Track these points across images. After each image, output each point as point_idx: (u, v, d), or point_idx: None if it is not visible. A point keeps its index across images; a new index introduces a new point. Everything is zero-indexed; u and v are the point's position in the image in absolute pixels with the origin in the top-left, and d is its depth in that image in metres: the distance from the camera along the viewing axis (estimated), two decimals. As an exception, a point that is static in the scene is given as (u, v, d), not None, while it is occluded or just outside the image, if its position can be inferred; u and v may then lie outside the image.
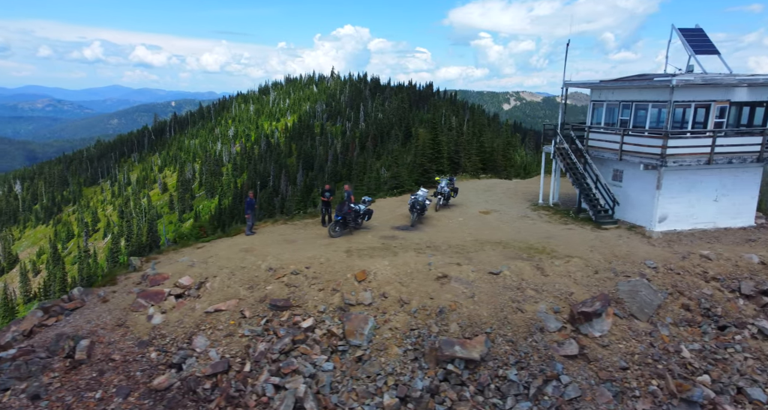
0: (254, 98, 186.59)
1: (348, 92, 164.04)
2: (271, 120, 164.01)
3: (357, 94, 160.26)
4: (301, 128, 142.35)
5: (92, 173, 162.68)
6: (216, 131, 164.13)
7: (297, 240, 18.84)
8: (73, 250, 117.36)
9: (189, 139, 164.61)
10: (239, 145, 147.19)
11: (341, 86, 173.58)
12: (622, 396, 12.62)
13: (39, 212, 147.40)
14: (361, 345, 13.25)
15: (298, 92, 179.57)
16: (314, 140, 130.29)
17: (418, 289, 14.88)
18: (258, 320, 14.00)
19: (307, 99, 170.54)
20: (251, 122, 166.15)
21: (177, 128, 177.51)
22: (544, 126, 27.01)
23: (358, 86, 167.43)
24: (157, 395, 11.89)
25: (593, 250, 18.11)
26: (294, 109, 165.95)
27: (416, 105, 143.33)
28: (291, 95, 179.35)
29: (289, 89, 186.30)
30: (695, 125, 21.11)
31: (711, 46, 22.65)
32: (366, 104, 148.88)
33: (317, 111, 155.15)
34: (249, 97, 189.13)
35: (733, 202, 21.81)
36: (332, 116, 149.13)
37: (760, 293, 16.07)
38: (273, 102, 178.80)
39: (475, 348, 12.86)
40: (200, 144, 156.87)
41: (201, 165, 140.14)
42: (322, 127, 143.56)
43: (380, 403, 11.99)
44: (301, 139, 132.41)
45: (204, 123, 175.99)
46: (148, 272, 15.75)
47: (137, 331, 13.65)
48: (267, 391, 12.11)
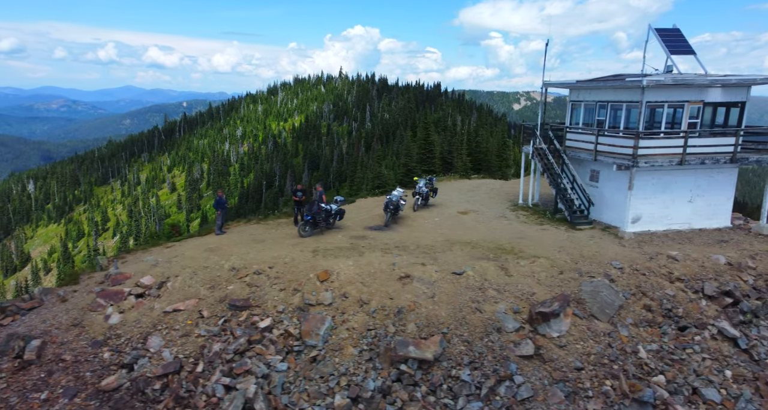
0: (263, 98, 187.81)
1: (355, 92, 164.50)
2: (278, 120, 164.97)
3: (364, 94, 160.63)
4: (308, 128, 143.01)
5: (103, 172, 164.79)
6: (224, 131, 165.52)
7: (266, 240, 18.88)
8: (83, 249, 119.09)
9: (198, 139, 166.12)
10: (247, 145, 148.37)
11: (349, 86, 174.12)
12: (574, 397, 12.64)
13: (51, 211, 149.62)
14: (316, 345, 13.29)
15: (306, 93, 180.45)
16: (320, 140, 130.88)
17: (379, 289, 14.89)
18: (216, 320, 14.02)
19: (315, 99, 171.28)
20: (259, 122, 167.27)
21: (186, 128, 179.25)
22: (523, 126, 27.08)
23: (366, 86, 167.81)
24: (105, 396, 11.90)
25: (561, 250, 18.19)
26: (301, 109, 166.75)
27: (423, 105, 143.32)
28: (299, 95, 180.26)
29: (297, 90, 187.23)
30: (669, 126, 21.11)
31: (687, 47, 22.56)
32: (372, 104, 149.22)
33: (324, 111, 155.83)
34: (258, 97, 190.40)
35: (708, 203, 21.73)
36: (339, 116, 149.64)
37: (722, 294, 16.10)
38: (281, 102, 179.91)
39: (429, 349, 12.87)
40: (209, 144, 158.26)
41: (209, 165, 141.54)
42: (329, 127, 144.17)
43: (331, 404, 12.02)
44: (307, 139, 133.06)
45: (213, 123, 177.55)
46: (111, 272, 15.80)
47: (93, 331, 13.63)
48: (217, 392, 12.14)
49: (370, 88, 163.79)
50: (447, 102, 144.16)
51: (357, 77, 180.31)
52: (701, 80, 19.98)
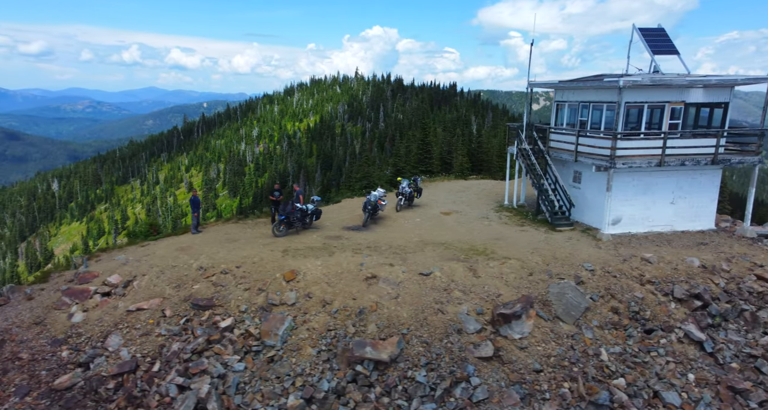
0: (279, 99, 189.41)
1: (370, 93, 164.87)
2: (294, 120, 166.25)
3: (379, 94, 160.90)
4: (323, 128, 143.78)
5: (124, 172, 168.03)
6: (241, 131, 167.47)
7: (239, 239, 18.98)
8: (103, 247, 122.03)
9: (215, 139, 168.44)
10: (262, 145, 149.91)
11: (364, 87, 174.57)
12: (529, 399, 12.58)
13: (74, 209, 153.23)
14: (275, 345, 13.29)
15: (322, 93, 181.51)
16: (334, 141, 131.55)
17: (343, 289, 14.89)
18: (178, 319, 14.10)
19: (330, 100, 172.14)
20: (275, 123, 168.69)
21: (204, 128, 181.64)
22: (507, 126, 26.92)
23: (381, 87, 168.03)
24: (57, 395, 11.95)
25: (535, 252, 18.14)
26: (317, 109, 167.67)
27: (438, 105, 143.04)
28: (315, 96, 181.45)
29: (313, 90, 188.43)
30: (649, 127, 20.86)
31: (671, 47, 22.25)
32: (386, 105, 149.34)
33: (339, 112, 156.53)
34: (274, 98, 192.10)
35: (691, 205, 21.42)
36: (353, 117, 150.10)
37: (691, 297, 15.97)
38: (296, 103, 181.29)
39: (385, 350, 12.86)
40: (225, 144, 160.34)
41: (225, 165, 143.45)
42: (343, 127, 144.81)
43: (284, 404, 12.02)
44: (321, 139, 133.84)
45: (230, 124, 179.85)
46: (80, 270, 16.00)
47: (54, 329, 13.73)
48: (170, 391, 12.18)
49: (385, 89, 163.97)
50: (462, 102, 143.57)
51: (372, 78, 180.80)
52: (680, 81, 19.72)
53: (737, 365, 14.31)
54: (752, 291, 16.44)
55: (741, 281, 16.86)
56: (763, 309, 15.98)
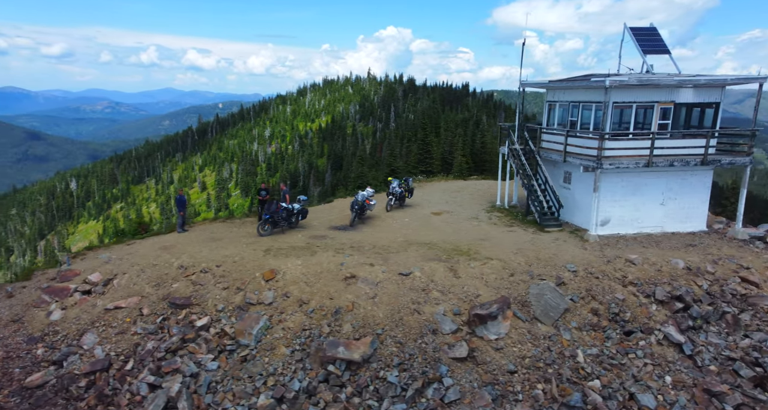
0: (292, 100, 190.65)
1: (382, 93, 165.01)
2: (306, 121, 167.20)
3: (390, 95, 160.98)
4: (334, 128, 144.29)
5: (140, 171, 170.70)
6: (254, 131, 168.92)
7: (223, 239, 19.04)
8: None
9: (228, 139, 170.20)
10: (275, 145, 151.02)
11: (375, 87, 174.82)
12: (501, 400, 12.49)
13: (91, 208, 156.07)
14: (249, 344, 13.30)
15: (334, 94, 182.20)
16: (345, 141, 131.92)
17: (321, 289, 14.89)
18: (154, 318, 14.14)
19: (342, 100, 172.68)
20: (287, 123, 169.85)
21: (218, 128, 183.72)
22: (499, 126, 26.82)
23: (393, 87, 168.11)
24: (28, 393, 12.00)
25: (518, 252, 18.03)
26: (328, 110, 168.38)
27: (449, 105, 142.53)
28: (327, 96, 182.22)
29: (325, 91, 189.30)
30: (639, 127, 20.64)
31: (662, 46, 22.00)
32: (397, 105, 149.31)
33: (350, 112, 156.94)
34: (287, 98, 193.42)
35: (682, 206, 21.15)
36: (364, 117, 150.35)
37: (673, 298, 15.82)
38: (309, 103, 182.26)
39: (358, 350, 12.84)
40: (238, 144, 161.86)
41: (238, 165, 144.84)
42: (354, 127, 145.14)
43: (255, 404, 12.03)
44: (332, 139, 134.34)
45: (243, 124, 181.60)
46: (62, 268, 16.17)
47: (32, 327, 13.79)
48: (141, 390, 12.25)
49: (397, 89, 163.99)
50: (474, 102, 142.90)
51: (385, 78, 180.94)
52: (668, 80, 19.49)
53: (715, 368, 14.17)
54: (735, 293, 16.24)
55: (725, 284, 16.67)
56: (746, 312, 15.78)
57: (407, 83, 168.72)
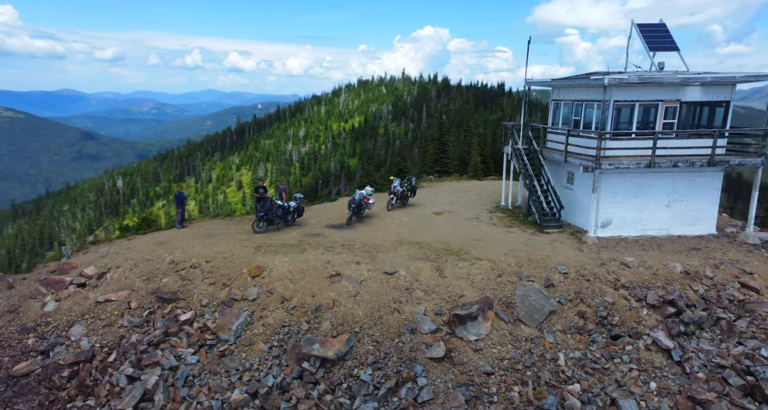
0: (326, 100, 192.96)
1: (416, 93, 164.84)
2: (339, 121, 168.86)
3: (424, 95, 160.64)
4: (366, 128, 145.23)
5: (181, 170, 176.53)
6: (289, 131, 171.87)
7: (218, 235, 19.30)
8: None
9: (265, 139, 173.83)
10: (308, 145, 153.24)
11: (409, 87, 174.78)
12: (475, 401, 12.30)
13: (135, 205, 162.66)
14: (228, 339, 13.48)
15: (368, 94, 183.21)
16: (377, 141, 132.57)
17: (305, 286, 14.96)
18: (141, 311, 14.44)
19: (375, 100, 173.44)
20: (321, 123, 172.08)
21: (255, 129, 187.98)
22: (504, 126, 26.39)
23: (427, 87, 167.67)
24: (13, 381, 12.38)
25: (510, 253, 17.75)
26: (362, 110, 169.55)
27: (483, 105, 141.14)
28: (361, 97, 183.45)
29: (360, 91, 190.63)
30: (642, 126, 19.98)
31: (670, 43, 21.22)
32: (430, 105, 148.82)
33: (383, 112, 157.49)
34: (322, 99, 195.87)
35: (689, 208, 20.36)
36: (397, 117, 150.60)
37: (665, 303, 15.33)
38: (343, 104, 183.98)
39: (333, 347, 12.88)
40: (274, 144, 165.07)
41: (272, 164, 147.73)
42: (386, 127, 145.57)
43: (228, 398, 12.18)
44: (364, 139, 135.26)
45: (279, 124, 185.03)
46: (62, 261, 16.72)
47: (26, 318, 14.24)
48: (120, 382, 12.55)
49: (430, 89, 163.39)
50: (509, 102, 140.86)
51: (419, 78, 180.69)
52: (671, 78, 18.80)
53: (704, 375, 13.68)
54: (732, 299, 15.62)
55: (722, 289, 16.06)
56: (742, 318, 15.17)
57: (441, 83, 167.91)
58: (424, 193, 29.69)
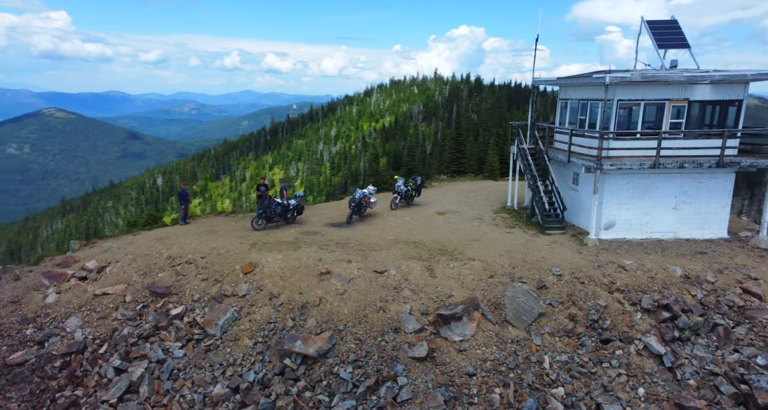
0: (358, 100, 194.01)
1: (447, 93, 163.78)
2: (370, 121, 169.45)
3: (455, 94, 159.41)
4: (396, 128, 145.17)
5: (217, 169, 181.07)
6: (320, 131, 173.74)
7: (218, 232, 19.57)
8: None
9: (297, 139, 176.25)
10: (339, 145, 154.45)
11: (441, 87, 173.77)
12: (454, 402, 12.24)
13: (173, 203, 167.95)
14: (215, 334, 13.72)
15: (399, 94, 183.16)
16: (406, 141, 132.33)
17: (294, 283, 15.10)
18: (135, 305, 14.81)
19: (406, 100, 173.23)
20: (352, 123, 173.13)
21: (289, 128, 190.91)
22: (510, 125, 25.93)
23: (459, 87, 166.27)
24: (8, 369, 12.85)
25: (506, 254, 17.53)
26: (393, 110, 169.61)
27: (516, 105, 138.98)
28: (392, 96, 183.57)
29: (391, 91, 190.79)
30: (648, 126, 19.36)
31: (680, 40, 20.47)
32: (461, 105, 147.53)
33: (414, 112, 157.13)
34: (354, 99, 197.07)
35: (698, 211, 19.63)
36: (427, 117, 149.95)
37: (660, 307, 14.93)
38: (374, 104, 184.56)
39: (314, 344, 12.98)
40: (306, 144, 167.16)
41: (304, 164, 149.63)
42: (416, 127, 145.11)
43: (210, 392, 12.40)
44: (394, 139, 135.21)
45: (311, 124, 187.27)
46: (67, 255, 17.27)
47: (27, 308, 14.73)
48: (108, 373, 12.94)
49: (462, 89, 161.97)
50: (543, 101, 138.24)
51: (452, 78, 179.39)
52: (677, 77, 18.15)
53: (695, 382, 13.30)
54: (732, 305, 15.09)
55: (722, 294, 15.53)
56: (741, 325, 14.67)
57: (474, 83, 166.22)
58: (433, 193, 29.55)
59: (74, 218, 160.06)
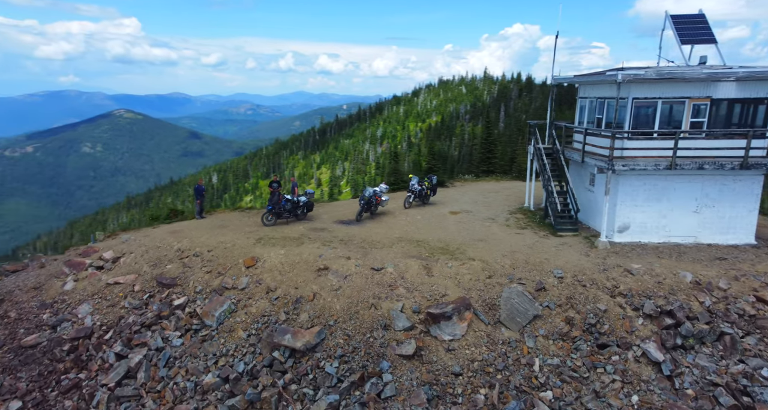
0: (406, 100, 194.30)
1: (496, 93, 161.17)
2: (417, 121, 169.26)
3: (504, 94, 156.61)
4: (442, 128, 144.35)
5: (268, 168, 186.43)
6: (367, 131, 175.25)
7: (229, 226, 20.09)
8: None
9: (344, 139, 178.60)
10: (385, 145, 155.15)
11: (490, 86, 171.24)
12: (437, 401, 12.24)
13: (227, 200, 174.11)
14: (211, 325, 14.17)
15: (447, 93, 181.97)
16: (451, 141, 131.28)
17: (292, 278, 15.38)
18: (142, 294, 15.45)
19: (454, 100, 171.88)
20: (399, 123, 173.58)
21: (337, 128, 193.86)
22: (528, 124, 25.19)
23: (508, 86, 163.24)
24: (22, 351, 13.64)
25: (508, 255, 17.22)
26: (439, 110, 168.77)
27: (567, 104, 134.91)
28: (440, 96, 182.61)
29: (439, 91, 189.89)
30: (667, 125, 18.43)
31: (706, 35, 19.39)
32: (509, 104, 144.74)
33: (461, 111, 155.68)
34: (402, 99, 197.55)
35: (721, 215, 18.56)
36: (474, 117, 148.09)
37: (663, 313, 14.34)
38: (421, 104, 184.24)
39: (303, 338, 13.19)
40: (352, 144, 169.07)
41: (350, 163, 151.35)
42: (463, 127, 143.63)
43: (202, 381, 12.85)
44: (439, 139, 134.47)
45: (359, 124, 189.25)
46: (88, 245, 18.18)
47: (46, 295, 15.55)
48: (110, 358, 13.60)
49: (512, 88, 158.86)
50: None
51: (501, 77, 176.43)
52: (695, 74, 17.25)
53: (693, 392, 12.75)
54: (742, 314, 14.32)
55: (734, 302, 14.74)
56: (751, 335, 13.95)
57: (524, 82, 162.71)
58: (452, 192, 29.28)
59: (137, 213, 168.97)
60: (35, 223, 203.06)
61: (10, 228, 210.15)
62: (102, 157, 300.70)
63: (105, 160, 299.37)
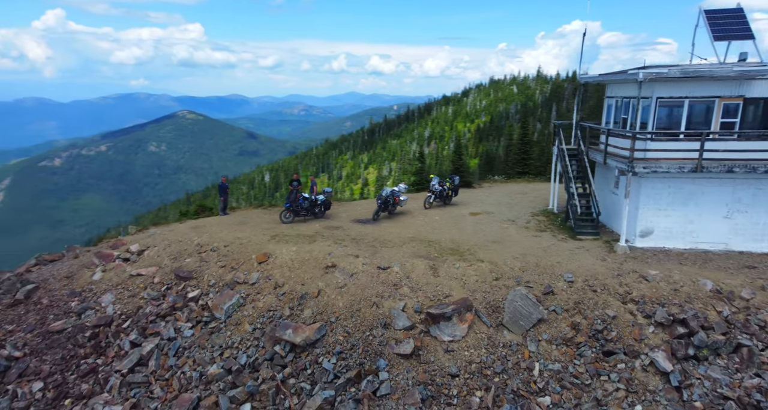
0: (455, 100, 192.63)
1: (549, 92, 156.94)
2: (465, 121, 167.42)
3: (557, 93, 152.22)
4: (491, 128, 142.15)
5: (317, 167, 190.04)
6: (415, 132, 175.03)
7: (248, 223, 20.69)
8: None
9: (392, 139, 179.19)
10: (432, 145, 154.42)
11: (542, 86, 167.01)
12: (431, 401, 12.26)
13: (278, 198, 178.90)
14: (220, 318, 14.70)
15: (498, 93, 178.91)
16: (499, 142, 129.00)
17: (300, 275, 15.71)
18: (160, 286, 16.19)
19: (504, 100, 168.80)
20: (447, 123, 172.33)
21: (385, 129, 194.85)
22: (554, 124, 24.30)
23: (562, 85, 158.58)
24: (49, 335, 14.52)
25: (519, 258, 16.89)
26: (489, 110, 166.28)
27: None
28: (490, 96, 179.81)
29: (489, 91, 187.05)
30: (694, 126, 17.50)
31: (743, 31, 18.27)
32: (561, 104, 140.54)
33: (511, 111, 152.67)
34: (450, 99, 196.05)
35: (755, 221, 17.48)
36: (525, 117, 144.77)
37: (675, 322, 13.75)
38: (470, 104, 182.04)
39: (303, 334, 13.47)
40: (400, 144, 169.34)
41: (396, 163, 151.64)
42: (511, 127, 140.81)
43: (206, 371, 13.36)
44: (487, 140, 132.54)
45: (407, 125, 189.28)
46: (118, 238, 19.29)
47: (77, 283, 16.53)
48: (125, 346, 14.36)
49: (566, 87, 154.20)
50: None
51: (556, 76, 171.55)
52: (725, 72, 16.34)
53: (701, 404, 12.20)
54: (764, 325, 13.63)
55: (755, 313, 13.96)
56: None
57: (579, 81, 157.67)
58: (477, 193, 28.90)
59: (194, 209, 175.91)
60: (107, 216, 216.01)
61: (85, 222, 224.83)
62: (166, 155, 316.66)
63: (168, 158, 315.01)
